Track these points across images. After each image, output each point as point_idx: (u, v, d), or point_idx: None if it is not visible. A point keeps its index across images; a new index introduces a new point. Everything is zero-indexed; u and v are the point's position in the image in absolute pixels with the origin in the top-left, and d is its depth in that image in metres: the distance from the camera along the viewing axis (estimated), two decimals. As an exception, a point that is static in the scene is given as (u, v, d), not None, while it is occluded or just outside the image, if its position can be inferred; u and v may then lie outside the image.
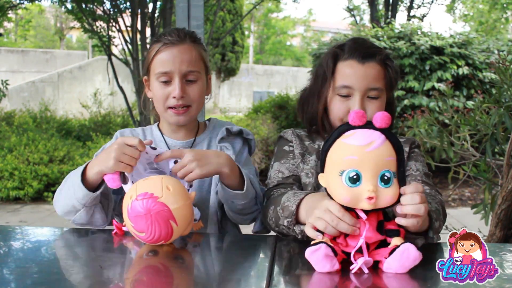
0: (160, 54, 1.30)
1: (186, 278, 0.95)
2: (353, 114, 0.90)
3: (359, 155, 0.87)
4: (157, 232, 1.01)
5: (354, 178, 0.87)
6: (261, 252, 1.10)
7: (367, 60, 1.24)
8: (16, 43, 21.13)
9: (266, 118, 7.10)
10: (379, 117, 0.89)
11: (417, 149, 1.37)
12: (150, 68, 1.34)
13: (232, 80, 18.59)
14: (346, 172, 0.88)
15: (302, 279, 0.94)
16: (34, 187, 5.30)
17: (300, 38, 30.91)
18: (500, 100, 1.93)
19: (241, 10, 15.86)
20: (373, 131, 0.89)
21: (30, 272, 0.93)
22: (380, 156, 0.87)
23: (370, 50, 1.27)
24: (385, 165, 0.88)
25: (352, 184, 0.88)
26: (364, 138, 0.88)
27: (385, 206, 0.90)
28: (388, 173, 0.88)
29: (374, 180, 0.87)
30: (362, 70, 1.24)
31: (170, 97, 1.30)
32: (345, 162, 0.88)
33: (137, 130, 1.43)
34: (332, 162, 0.92)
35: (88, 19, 6.08)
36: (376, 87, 1.24)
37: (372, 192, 0.86)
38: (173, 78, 1.29)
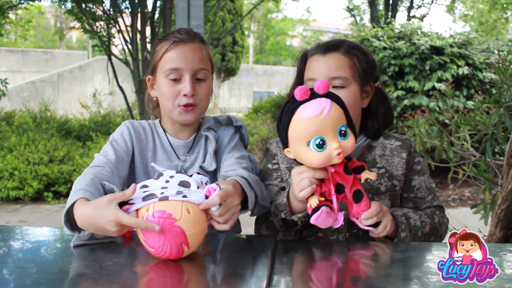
0: (170, 51, 1.29)
1: (186, 278, 0.95)
2: (297, 91, 1.00)
3: (317, 124, 0.99)
4: (167, 252, 0.97)
5: (320, 143, 1.00)
6: (261, 252, 1.10)
7: (329, 51, 1.30)
8: (16, 43, 21.13)
9: (266, 118, 7.11)
10: (320, 85, 1.00)
11: (420, 158, 1.37)
12: (157, 66, 1.32)
13: (232, 80, 18.58)
14: (311, 141, 1.00)
15: (302, 279, 0.94)
16: (34, 187, 5.30)
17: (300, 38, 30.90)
18: (500, 100, 1.93)
19: (241, 10, 15.85)
20: (319, 99, 1.00)
21: (30, 272, 0.93)
22: (333, 118, 1.00)
23: (332, 43, 1.32)
24: (339, 122, 1.01)
25: (320, 149, 1.00)
26: (316, 108, 0.99)
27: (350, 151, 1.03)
28: (343, 127, 1.02)
29: (336, 138, 1.00)
30: (324, 61, 1.29)
31: (180, 94, 1.29)
32: (308, 134, 1.00)
33: (143, 123, 1.41)
34: (295, 138, 1.02)
35: (88, 19, 6.08)
36: (339, 76, 1.26)
37: (338, 148, 0.99)
38: (183, 75, 1.29)
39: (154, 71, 1.35)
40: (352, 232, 1.29)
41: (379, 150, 1.35)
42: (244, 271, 0.98)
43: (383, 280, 0.91)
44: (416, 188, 1.34)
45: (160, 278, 0.93)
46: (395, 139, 1.37)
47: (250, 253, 1.12)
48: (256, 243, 1.21)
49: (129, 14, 6.27)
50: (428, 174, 1.37)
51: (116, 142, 1.32)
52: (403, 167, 1.32)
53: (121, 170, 1.27)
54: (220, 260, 1.06)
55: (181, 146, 1.38)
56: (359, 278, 0.92)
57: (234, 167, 1.28)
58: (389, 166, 1.32)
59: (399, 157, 1.33)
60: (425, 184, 1.35)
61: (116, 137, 1.34)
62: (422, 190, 1.35)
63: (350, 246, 1.19)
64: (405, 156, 1.33)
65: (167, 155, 1.37)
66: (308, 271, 1.00)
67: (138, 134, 1.36)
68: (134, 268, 1.01)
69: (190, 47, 1.30)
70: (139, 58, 6.16)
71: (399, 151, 1.34)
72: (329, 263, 1.08)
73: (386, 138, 1.37)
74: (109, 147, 1.30)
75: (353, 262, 1.05)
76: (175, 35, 1.31)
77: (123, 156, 1.29)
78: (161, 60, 1.31)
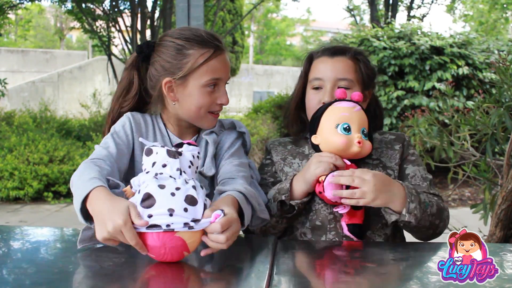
0: (211, 61, 1.23)
1: (185, 278, 0.95)
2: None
3: (349, 112, 1.22)
4: (168, 258, 0.97)
5: (347, 128, 1.20)
6: (261, 252, 1.10)
7: (336, 55, 1.38)
8: (16, 43, 21.13)
9: (266, 118, 7.11)
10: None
11: (414, 151, 1.41)
12: (191, 73, 1.23)
13: (232, 80, 18.57)
14: (340, 124, 1.20)
15: (302, 279, 0.94)
16: (34, 187, 5.30)
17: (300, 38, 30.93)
18: (500, 100, 1.93)
19: (241, 10, 15.85)
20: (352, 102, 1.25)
21: (30, 272, 0.93)
22: (361, 115, 1.23)
23: (340, 47, 1.41)
24: (363, 124, 1.23)
25: (346, 132, 1.20)
26: (350, 103, 1.24)
27: (366, 154, 1.23)
28: (365, 130, 1.23)
29: (359, 132, 1.21)
30: (331, 63, 1.37)
31: (215, 103, 1.27)
32: (340, 118, 1.21)
33: (146, 117, 1.35)
34: (327, 121, 1.23)
35: (88, 19, 6.09)
36: (345, 78, 1.34)
37: (360, 137, 1.19)
38: (219, 85, 1.27)
39: (184, 76, 1.24)
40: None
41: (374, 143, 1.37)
42: (244, 271, 0.98)
43: (383, 280, 0.91)
44: (410, 176, 1.35)
45: (160, 278, 0.93)
46: (390, 134, 1.43)
47: (250, 253, 1.12)
48: (256, 243, 1.21)
49: (129, 14, 6.27)
50: (424, 167, 1.39)
51: (117, 134, 1.28)
52: (396, 158, 1.36)
53: (120, 164, 1.23)
54: (220, 260, 1.06)
55: None
56: (359, 278, 0.92)
57: (232, 175, 1.24)
58: (383, 157, 1.36)
59: (393, 149, 1.38)
60: (420, 174, 1.36)
61: (117, 129, 1.29)
62: (416, 179, 1.35)
63: (350, 246, 1.19)
64: (398, 148, 1.37)
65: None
66: (308, 271, 1.00)
67: (139, 126, 1.31)
68: (134, 268, 1.01)
69: (226, 56, 1.28)
70: (139, 58, 6.15)
71: (393, 144, 1.39)
72: (329, 263, 1.08)
73: (381, 134, 1.43)
74: (110, 139, 1.25)
75: (353, 262, 1.05)
76: (213, 41, 1.24)
77: (123, 150, 1.26)
78: (200, 68, 1.22)
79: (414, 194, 1.18)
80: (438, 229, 1.27)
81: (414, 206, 1.16)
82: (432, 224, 1.23)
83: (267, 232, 1.30)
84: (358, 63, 1.38)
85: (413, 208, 1.16)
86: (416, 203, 1.16)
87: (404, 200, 1.16)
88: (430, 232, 1.26)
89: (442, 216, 1.26)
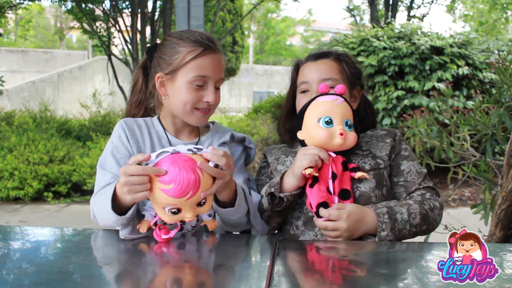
0: (200, 58, 1.27)
1: (185, 277, 0.95)
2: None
3: (330, 106, 1.25)
4: (185, 180, 1.02)
5: (328, 121, 1.23)
6: (261, 252, 1.10)
7: (320, 58, 1.44)
8: (16, 43, 21.13)
9: (266, 118, 7.11)
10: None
11: (404, 144, 1.44)
12: (180, 68, 1.29)
13: (232, 80, 18.58)
14: (322, 118, 1.24)
15: (302, 279, 0.94)
16: (34, 187, 5.30)
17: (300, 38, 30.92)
18: (500, 100, 1.93)
19: (241, 10, 15.85)
20: (334, 95, 1.28)
21: (30, 272, 0.93)
22: (343, 108, 1.26)
23: (322, 51, 1.47)
24: (347, 115, 1.26)
25: (327, 126, 1.23)
26: (331, 96, 1.28)
27: (351, 145, 1.26)
28: (349, 122, 1.26)
29: (342, 124, 1.24)
30: (315, 66, 1.42)
31: (202, 100, 1.30)
32: (321, 112, 1.24)
33: (139, 121, 1.39)
34: (310, 116, 1.26)
35: (88, 19, 6.09)
36: (330, 77, 1.38)
37: (342, 129, 1.22)
38: (207, 83, 1.30)
39: (173, 71, 1.30)
40: None
41: (365, 138, 1.45)
42: (244, 271, 0.98)
43: (383, 280, 0.91)
44: (405, 172, 1.39)
45: (160, 278, 0.93)
46: (381, 130, 1.48)
47: (250, 253, 1.12)
48: (256, 243, 1.21)
49: (129, 14, 6.28)
50: (417, 162, 1.43)
51: (117, 149, 1.31)
52: (387, 149, 1.39)
53: None
54: (220, 260, 1.06)
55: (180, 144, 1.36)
56: (359, 278, 0.92)
57: None
58: (373, 148, 1.41)
59: (383, 142, 1.42)
60: (415, 168, 1.39)
61: (115, 143, 1.33)
62: (412, 174, 1.39)
63: (350, 246, 1.19)
64: (389, 141, 1.41)
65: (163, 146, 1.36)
66: (308, 271, 1.00)
67: (133, 133, 1.34)
68: (134, 268, 1.01)
69: (218, 57, 1.31)
70: (139, 58, 6.16)
71: (383, 138, 1.43)
72: (329, 263, 1.08)
73: (372, 131, 1.48)
74: (111, 159, 1.29)
75: (353, 262, 1.05)
76: (203, 40, 1.28)
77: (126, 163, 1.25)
78: (186, 65, 1.28)
79: (385, 221, 1.23)
80: (427, 231, 1.32)
81: (385, 234, 1.22)
82: (417, 232, 1.28)
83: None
84: (342, 63, 1.43)
85: (384, 235, 1.22)
86: (387, 230, 1.22)
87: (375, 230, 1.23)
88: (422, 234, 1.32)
89: (428, 220, 1.29)
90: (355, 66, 1.46)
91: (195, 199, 1.05)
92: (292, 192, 1.28)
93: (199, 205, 1.09)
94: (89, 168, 5.43)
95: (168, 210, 1.07)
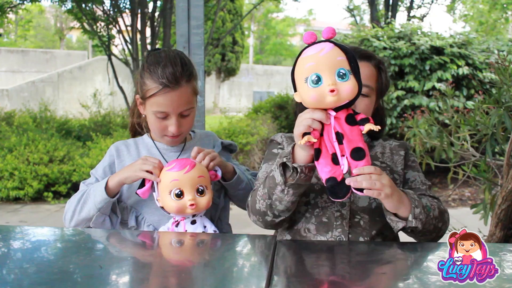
0: (157, 97, 1.34)
1: (185, 278, 0.95)
2: (306, 35, 1.08)
3: (315, 61, 1.04)
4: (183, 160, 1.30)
5: (316, 80, 1.03)
6: (261, 252, 1.10)
7: (362, 60, 1.30)
8: (16, 43, 21.13)
9: (266, 118, 7.11)
10: (325, 31, 1.07)
11: (412, 156, 1.43)
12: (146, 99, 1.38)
13: (232, 80, 18.58)
14: (309, 77, 1.04)
15: (302, 279, 0.94)
16: (34, 187, 5.30)
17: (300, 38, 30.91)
18: (500, 100, 1.93)
19: (241, 10, 15.86)
20: (321, 42, 1.06)
21: (30, 272, 0.93)
22: (332, 57, 1.04)
23: (365, 53, 1.35)
24: (338, 64, 1.04)
25: (315, 85, 1.04)
26: (316, 47, 1.06)
27: (348, 98, 1.04)
28: (343, 70, 1.04)
29: (332, 77, 1.03)
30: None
31: (167, 129, 1.39)
32: (306, 70, 1.05)
33: (129, 141, 1.51)
34: (297, 76, 1.08)
35: (88, 19, 6.09)
36: (367, 85, 1.30)
37: (332, 85, 1.02)
38: (170, 115, 1.37)
39: (143, 97, 1.39)
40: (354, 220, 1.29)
41: (379, 148, 1.41)
42: (244, 271, 0.98)
43: (383, 280, 0.91)
44: (410, 181, 1.38)
45: (159, 278, 0.93)
46: (393, 141, 1.45)
47: (250, 253, 1.12)
48: (256, 243, 1.21)
49: (129, 14, 6.27)
50: (423, 174, 1.42)
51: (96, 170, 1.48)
52: (401, 163, 1.38)
53: None
54: (220, 260, 1.06)
55: (170, 150, 1.48)
56: (359, 278, 0.92)
57: None
58: (390, 162, 1.38)
59: (398, 155, 1.40)
60: (420, 179, 1.38)
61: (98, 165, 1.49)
62: (417, 183, 1.37)
63: (350, 246, 1.19)
64: (402, 154, 1.40)
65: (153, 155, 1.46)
66: (308, 271, 1.00)
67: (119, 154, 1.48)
68: (134, 268, 1.01)
69: (177, 94, 1.35)
70: (139, 58, 6.16)
71: (397, 150, 1.41)
72: (329, 263, 1.08)
73: (385, 140, 1.45)
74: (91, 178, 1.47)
75: (353, 262, 1.05)
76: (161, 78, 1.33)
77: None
78: (149, 99, 1.36)
79: (417, 199, 1.19)
80: (440, 232, 1.28)
81: (419, 211, 1.16)
82: (436, 227, 1.24)
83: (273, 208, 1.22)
84: (380, 72, 1.36)
85: (418, 213, 1.16)
86: (420, 207, 1.17)
87: (409, 206, 1.16)
88: (433, 236, 1.27)
89: (443, 218, 1.27)
90: (387, 77, 1.39)
91: (193, 174, 1.27)
92: (307, 164, 1.13)
93: (198, 192, 1.28)
94: (89, 168, 5.43)
95: (173, 194, 1.26)
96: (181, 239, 1.22)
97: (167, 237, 1.25)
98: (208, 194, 1.31)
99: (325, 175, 1.06)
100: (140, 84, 1.40)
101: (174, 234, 1.28)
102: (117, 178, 1.34)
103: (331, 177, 1.06)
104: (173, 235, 1.27)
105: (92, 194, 1.35)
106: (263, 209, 1.24)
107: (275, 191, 1.18)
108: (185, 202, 1.26)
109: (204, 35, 2.59)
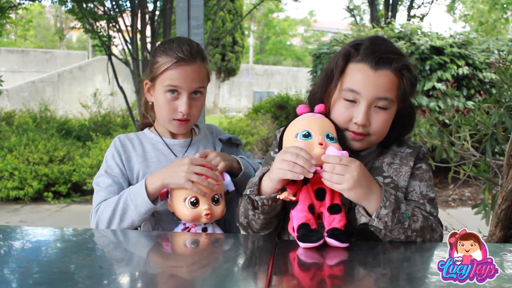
0: (172, 70, 1.34)
1: (185, 278, 0.95)
2: (300, 107, 1.20)
3: (307, 120, 1.15)
4: None
5: (306, 134, 1.12)
6: (260, 252, 1.10)
7: (380, 67, 1.16)
8: (16, 43, 21.12)
9: (266, 118, 7.11)
10: (317, 108, 1.21)
11: (424, 165, 1.28)
12: (157, 78, 1.37)
13: (232, 80, 18.58)
14: (299, 133, 1.13)
15: (301, 279, 0.94)
16: (34, 187, 5.30)
17: (300, 38, 30.92)
18: (500, 100, 1.93)
19: (241, 10, 15.85)
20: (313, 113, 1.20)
21: (30, 272, 0.93)
22: (323, 121, 1.16)
23: (386, 56, 1.17)
24: (327, 129, 1.14)
25: (305, 138, 1.11)
26: (308, 113, 1.19)
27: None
28: (331, 135, 1.14)
29: (322, 135, 1.11)
30: (373, 78, 1.16)
31: (177, 110, 1.36)
32: (298, 128, 1.14)
33: (131, 135, 1.49)
34: (288, 135, 1.16)
35: (89, 19, 6.08)
36: (386, 97, 1.17)
37: (321, 139, 1.10)
38: (181, 93, 1.36)
39: (153, 78, 1.39)
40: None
41: (388, 157, 1.28)
42: (244, 271, 0.98)
43: (383, 280, 0.91)
44: (408, 191, 1.24)
45: (160, 278, 0.93)
46: (407, 146, 1.30)
47: (250, 253, 1.12)
48: (256, 243, 1.21)
49: (129, 14, 6.27)
50: (428, 183, 1.26)
51: (110, 168, 1.40)
52: (408, 175, 1.25)
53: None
54: (220, 260, 1.06)
55: (177, 145, 1.46)
56: (359, 278, 0.92)
57: None
58: (396, 175, 1.25)
59: (407, 165, 1.26)
60: (420, 190, 1.24)
61: (109, 162, 1.42)
62: (414, 194, 1.24)
63: (350, 246, 1.19)
64: (411, 164, 1.26)
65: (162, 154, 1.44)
66: (308, 271, 1.00)
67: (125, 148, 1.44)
68: (134, 268, 1.01)
69: (192, 68, 1.35)
70: (139, 58, 6.16)
71: (408, 159, 1.27)
72: (329, 263, 1.08)
73: (399, 145, 1.30)
74: (105, 177, 1.39)
75: (353, 262, 1.05)
76: (177, 52, 1.34)
77: (119, 181, 1.39)
78: (161, 75, 1.35)
79: (391, 201, 1.08)
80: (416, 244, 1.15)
81: (386, 213, 1.07)
82: (408, 238, 1.13)
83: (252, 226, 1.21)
84: (402, 79, 1.18)
85: (384, 214, 1.07)
86: (389, 210, 1.07)
87: (376, 204, 1.08)
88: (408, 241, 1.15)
89: (425, 235, 1.15)
90: (413, 77, 1.20)
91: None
92: (270, 195, 1.12)
93: (213, 201, 1.27)
94: (89, 168, 5.43)
95: (187, 201, 1.24)
96: (181, 239, 1.22)
97: (167, 238, 1.25)
98: (223, 203, 1.30)
99: (298, 221, 1.09)
100: (151, 64, 1.39)
101: (174, 234, 1.28)
102: (160, 182, 1.28)
103: (304, 223, 1.08)
104: (172, 235, 1.27)
105: (133, 204, 1.28)
106: (244, 224, 1.24)
107: (249, 213, 1.19)
108: (201, 211, 1.25)
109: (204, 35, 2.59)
